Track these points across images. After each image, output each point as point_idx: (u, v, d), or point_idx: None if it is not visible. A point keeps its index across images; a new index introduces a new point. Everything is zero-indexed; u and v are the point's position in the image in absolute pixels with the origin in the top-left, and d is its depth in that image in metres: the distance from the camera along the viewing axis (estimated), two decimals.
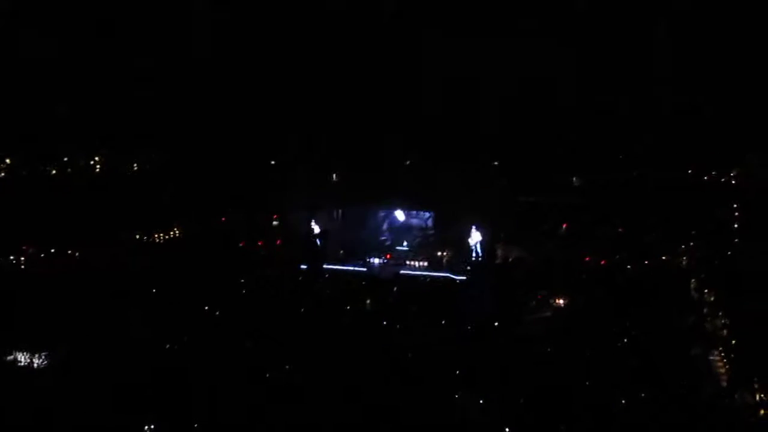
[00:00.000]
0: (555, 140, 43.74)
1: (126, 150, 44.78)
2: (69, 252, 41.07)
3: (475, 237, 45.42)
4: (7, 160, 42.41)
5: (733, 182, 45.21)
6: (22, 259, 40.17)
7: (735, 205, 43.30)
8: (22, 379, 31.14)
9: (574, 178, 45.98)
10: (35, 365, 31.51)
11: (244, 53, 42.24)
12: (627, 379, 31.22)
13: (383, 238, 50.24)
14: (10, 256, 39.99)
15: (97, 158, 44.09)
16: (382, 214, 50.25)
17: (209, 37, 42.91)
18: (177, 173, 44.76)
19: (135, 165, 45.42)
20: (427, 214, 49.29)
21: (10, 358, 31.70)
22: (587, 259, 44.57)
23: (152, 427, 25.33)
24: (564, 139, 43.69)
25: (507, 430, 26.91)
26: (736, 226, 42.83)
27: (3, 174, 42.76)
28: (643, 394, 29.56)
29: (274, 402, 27.93)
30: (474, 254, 45.07)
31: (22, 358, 31.80)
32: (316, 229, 47.13)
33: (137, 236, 43.65)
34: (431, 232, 49.11)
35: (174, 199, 44.50)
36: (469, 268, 43.98)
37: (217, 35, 43.17)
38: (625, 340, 35.25)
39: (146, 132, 43.20)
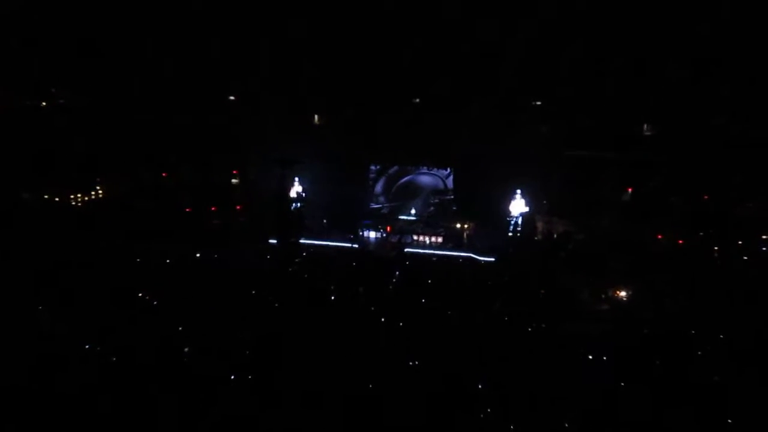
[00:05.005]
0: (618, 74, 34.24)
1: (33, 86, 35.49)
2: None
3: (518, 206, 37.86)
4: None
5: None
6: None
7: None
8: None
9: (645, 127, 37.72)
10: None
11: None
12: (713, 408, 24.60)
13: (377, 206, 43.55)
14: None
15: None
16: (374, 167, 43.25)
17: None
18: (98, 113, 35.60)
19: (43, 103, 36.44)
20: (444, 172, 42.30)
21: None
22: (659, 237, 38.11)
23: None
24: (631, 73, 34.42)
25: None
26: None
27: None
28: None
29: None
30: (512, 228, 37.66)
31: None
32: (292, 191, 40.07)
33: (47, 197, 35.67)
34: (449, 196, 42.25)
35: (96, 150, 35.49)
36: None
37: None
38: (710, 349, 26.90)
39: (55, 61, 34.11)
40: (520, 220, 37.75)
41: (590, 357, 27.58)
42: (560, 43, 31.38)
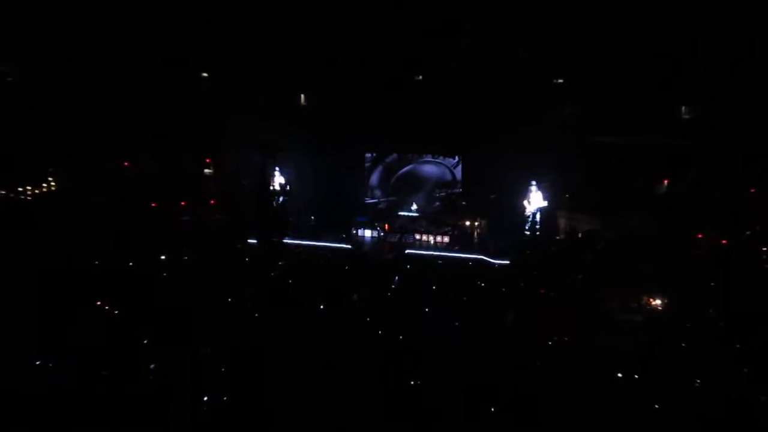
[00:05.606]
0: (652, 47, 28.82)
1: None
2: None
3: (536, 200, 33.51)
4: None
5: None
6: None
7: None
8: None
9: (683, 109, 33.10)
10: None
11: None
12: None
13: (373, 201, 39.17)
14: None
15: None
16: (369, 155, 38.83)
17: None
18: (46, 87, 30.15)
19: None
20: (452, 160, 37.77)
21: None
22: (699, 236, 32.70)
23: None
24: (666, 47, 28.72)
25: None
26: None
27: None
28: None
29: None
30: (529, 226, 33.16)
31: None
32: (275, 183, 35.93)
33: None
34: (457, 189, 37.76)
35: (49, 136, 30.35)
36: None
37: None
38: (757, 365, 26.21)
39: None
40: (538, 217, 33.54)
41: (620, 375, 24.58)
42: (588, 10, 27.40)
